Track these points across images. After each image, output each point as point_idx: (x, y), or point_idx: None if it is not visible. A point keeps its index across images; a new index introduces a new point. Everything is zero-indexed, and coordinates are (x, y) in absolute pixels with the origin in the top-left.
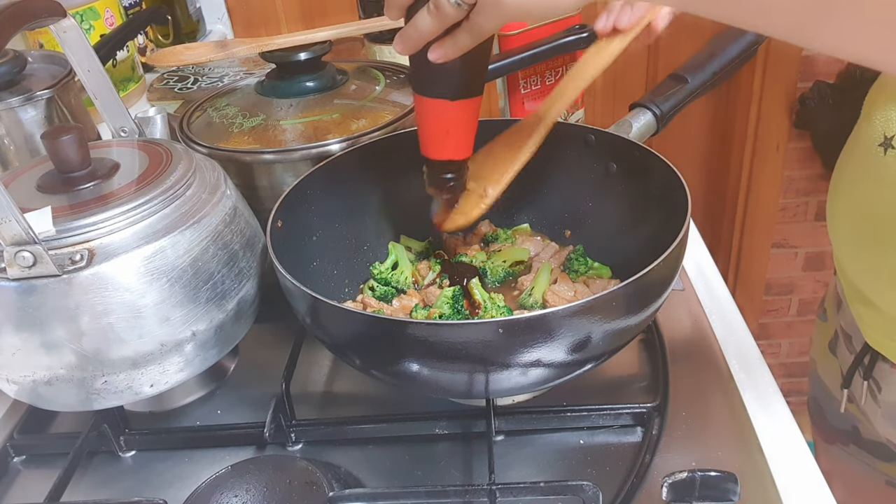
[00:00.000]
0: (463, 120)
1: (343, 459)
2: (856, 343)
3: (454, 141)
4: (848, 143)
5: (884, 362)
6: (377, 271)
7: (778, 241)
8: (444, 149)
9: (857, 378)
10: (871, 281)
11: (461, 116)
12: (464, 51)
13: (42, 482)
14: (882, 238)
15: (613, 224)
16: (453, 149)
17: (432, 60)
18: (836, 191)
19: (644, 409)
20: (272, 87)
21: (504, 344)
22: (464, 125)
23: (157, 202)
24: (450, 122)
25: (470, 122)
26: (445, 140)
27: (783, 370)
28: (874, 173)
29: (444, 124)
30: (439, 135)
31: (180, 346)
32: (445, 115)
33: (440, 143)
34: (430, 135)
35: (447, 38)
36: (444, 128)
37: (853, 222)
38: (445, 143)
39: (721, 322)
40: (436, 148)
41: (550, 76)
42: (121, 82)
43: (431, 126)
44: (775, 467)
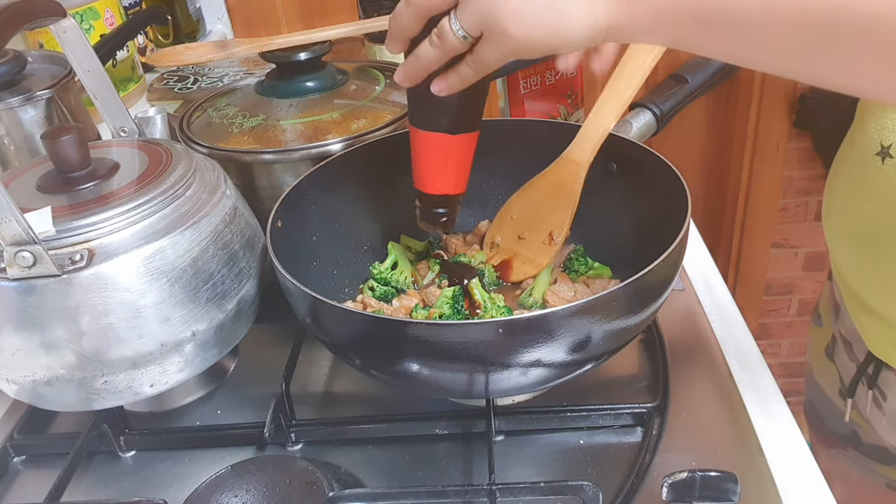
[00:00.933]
0: (461, 154)
1: (343, 459)
2: (857, 351)
3: (451, 175)
4: (842, 149)
5: (888, 371)
6: (377, 271)
7: (778, 241)
8: (440, 183)
9: (861, 387)
10: (871, 288)
11: (460, 150)
12: (467, 84)
13: (42, 482)
14: (881, 245)
15: (613, 224)
16: (450, 183)
17: (434, 93)
18: (831, 197)
19: (644, 409)
20: (272, 87)
21: (504, 344)
22: (462, 160)
23: (157, 202)
24: (448, 157)
25: (468, 157)
26: (442, 174)
27: (783, 370)
28: (871, 181)
29: (441, 158)
30: (436, 169)
31: (180, 346)
32: (444, 149)
33: (436, 177)
34: (426, 168)
35: (450, 71)
36: (442, 162)
37: (851, 229)
38: (442, 177)
39: (721, 322)
40: (431, 182)
41: (550, 76)
42: (121, 82)
43: (428, 160)
44: (775, 467)
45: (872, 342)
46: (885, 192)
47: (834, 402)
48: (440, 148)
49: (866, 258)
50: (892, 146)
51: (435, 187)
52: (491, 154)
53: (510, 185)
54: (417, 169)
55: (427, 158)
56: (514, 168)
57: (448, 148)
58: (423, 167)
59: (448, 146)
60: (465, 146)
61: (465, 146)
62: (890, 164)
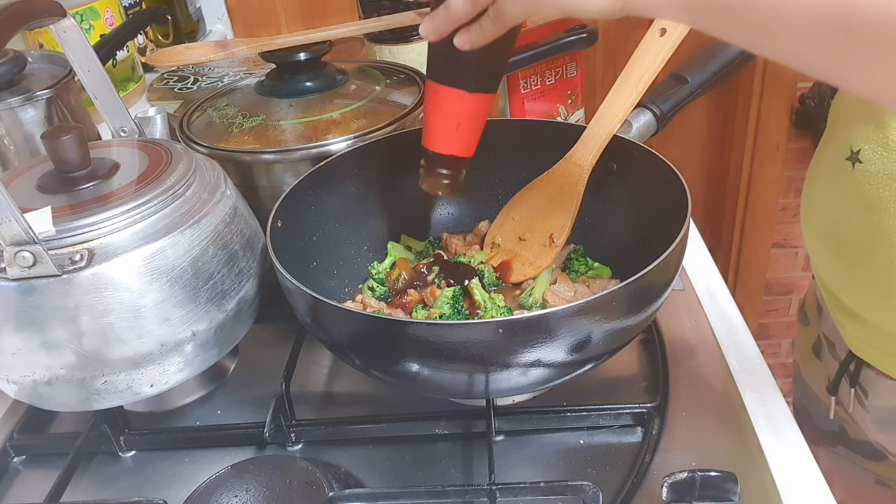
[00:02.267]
0: (476, 115)
1: (343, 459)
2: (839, 350)
3: (463, 136)
4: (817, 153)
5: (869, 369)
6: (375, 271)
7: (778, 241)
8: (450, 143)
9: (843, 385)
10: (848, 290)
11: (475, 111)
12: (490, 38)
13: (42, 482)
14: (854, 249)
15: (613, 224)
16: (460, 144)
17: (458, 47)
18: (807, 202)
19: (644, 409)
20: (272, 87)
21: (504, 344)
22: (476, 121)
23: (157, 202)
24: (462, 115)
25: (482, 119)
26: (454, 134)
27: (783, 370)
28: (843, 186)
29: (456, 116)
30: (449, 127)
31: (180, 346)
32: (460, 106)
33: (448, 136)
34: (439, 126)
35: (474, 25)
36: (456, 120)
37: (825, 231)
38: (454, 136)
39: (721, 322)
40: (442, 141)
41: (550, 76)
42: (121, 82)
43: (442, 117)
44: (775, 467)
45: (852, 342)
46: (855, 197)
47: (822, 399)
48: (455, 105)
49: (842, 261)
50: (860, 151)
51: (444, 146)
52: (491, 154)
53: (510, 186)
54: (429, 126)
55: (441, 115)
56: (514, 168)
57: (463, 106)
58: (435, 124)
59: (464, 104)
60: (480, 107)
61: (480, 107)
62: (860, 170)
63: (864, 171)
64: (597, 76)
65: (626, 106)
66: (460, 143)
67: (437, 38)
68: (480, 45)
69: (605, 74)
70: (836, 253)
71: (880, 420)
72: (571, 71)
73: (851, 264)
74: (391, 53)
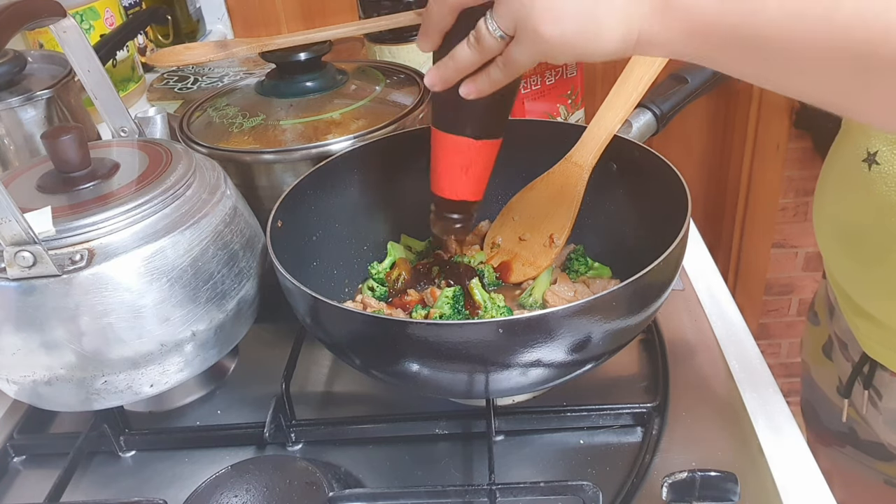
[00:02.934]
0: (483, 161)
1: (343, 459)
2: (852, 352)
3: (471, 181)
4: (830, 154)
5: (883, 371)
6: (375, 271)
7: (778, 241)
8: (459, 188)
9: (857, 387)
10: (863, 292)
11: (482, 157)
12: (496, 87)
13: (42, 482)
14: (871, 250)
15: (613, 224)
16: (469, 189)
17: (463, 96)
18: (820, 202)
19: (644, 409)
20: (272, 87)
21: (504, 344)
22: (483, 167)
23: (157, 202)
24: (470, 162)
25: (489, 164)
26: (462, 180)
27: (783, 370)
28: (859, 188)
29: (463, 164)
30: (456, 174)
31: (180, 346)
32: (467, 154)
33: (456, 182)
34: (446, 173)
35: (480, 74)
36: (464, 167)
37: (841, 234)
38: (462, 182)
39: (721, 322)
40: (450, 187)
41: (550, 76)
42: (121, 82)
43: (449, 164)
44: (775, 467)
45: (866, 343)
46: (872, 199)
47: (831, 400)
48: (463, 153)
49: (857, 263)
50: (878, 153)
51: (453, 192)
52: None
53: (509, 186)
54: (437, 173)
55: (448, 163)
56: (514, 168)
57: (471, 153)
58: (443, 171)
59: (471, 151)
60: (488, 153)
61: (487, 153)
62: (876, 171)
63: (882, 173)
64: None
65: (626, 106)
66: (469, 188)
67: (443, 87)
68: (488, 94)
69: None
70: (850, 254)
71: (894, 421)
72: (571, 71)
73: (866, 266)
74: (391, 53)
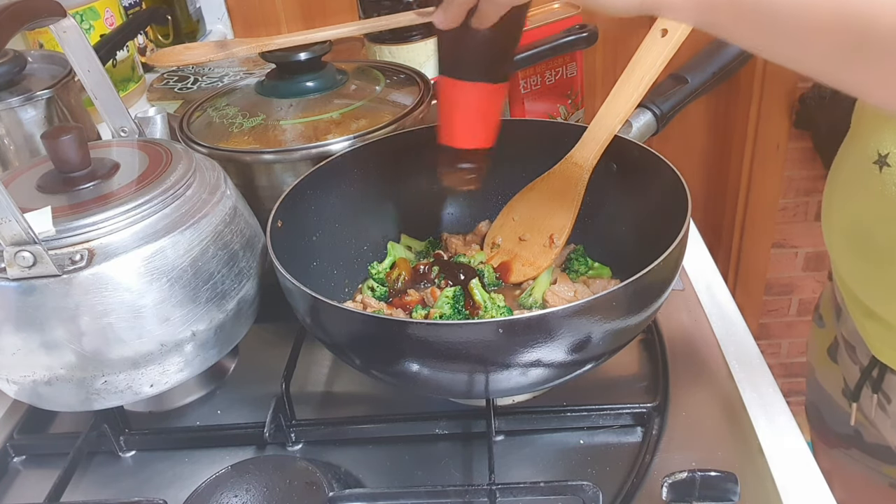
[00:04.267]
0: (497, 104)
1: (343, 459)
2: (860, 355)
3: (487, 127)
4: (839, 155)
5: (893, 374)
6: (375, 271)
7: (778, 241)
8: (474, 136)
9: (865, 391)
10: (873, 294)
11: (496, 100)
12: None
13: (42, 482)
14: (881, 251)
15: (613, 224)
16: (483, 136)
17: (474, 26)
18: (830, 202)
19: (644, 409)
20: (272, 87)
21: (504, 344)
22: (497, 110)
23: (157, 202)
24: (487, 107)
25: (500, 108)
26: (477, 126)
27: (783, 370)
28: (869, 189)
29: (480, 109)
30: (471, 121)
31: (180, 346)
32: (484, 98)
33: (470, 130)
34: (461, 122)
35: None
36: (480, 113)
37: (850, 234)
38: (477, 129)
39: (721, 322)
40: (465, 136)
41: (550, 76)
42: (121, 82)
43: (463, 112)
44: (775, 467)
45: (876, 346)
46: (883, 201)
47: (837, 402)
48: (479, 98)
49: (867, 264)
50: (889, 155)
51: (467, 141)
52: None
53: (510, 186)
54: (450, 124)
55: (462, 110)
56: (514, 168)
57: (487, 97)
58: (456, 120)
59: (487, 95)
60: (500, 95)
61: (500, 95)
62: (888, 173)
63: (893, 175)
64: (597, 76)
65: (627, 106)
66: (483, 134)
67: (451, 24)
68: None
69: (605, 74)
70: (860, 256)
71: None
72: (571, 71)
73: (877, 268)
74: (391, 53)
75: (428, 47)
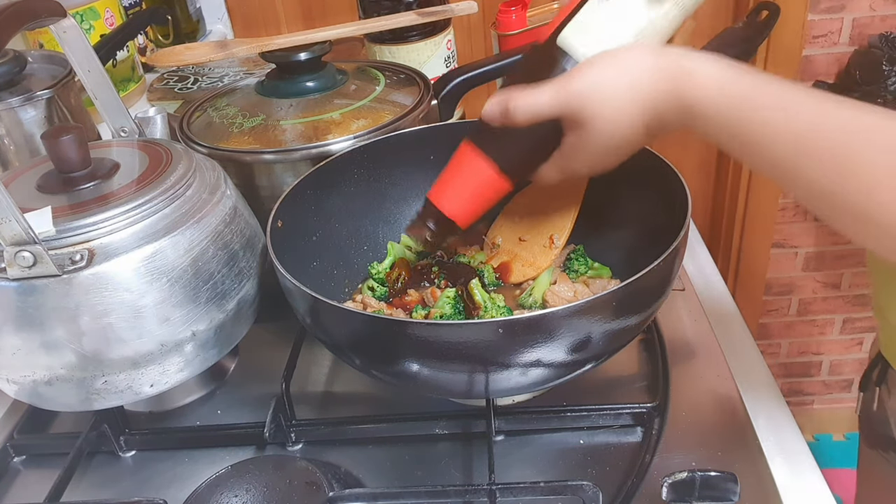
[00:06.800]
0: (492, 194)
1: (343, 459)
2: None
3: (470, 207)
4: None
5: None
6: (375, 271)
7: (778, 241)
8: (456, 207)
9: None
10: None
11: (493, 191)
12: None
13: (42, 482)
14: None
15: (613, 224)
16: (463, 213)
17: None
18: None
19: (644, 409)
20: (272, 87)
21: (504, 344)
22: (487, 200)
23: (157, 202)
24: (482, 190)
25: (492, 203)
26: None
27: (783, 370)
28: None
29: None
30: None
31: (180, 346)
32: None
33: (456, 199)
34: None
35: None
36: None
37: None
38: (461, 202)
39: (721, 322)
40: (451, 202)
41: None
42: (121, 82)
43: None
44: (775, 467)
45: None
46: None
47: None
48: (487, 181)
49: None
50: None
51: (451, 208)
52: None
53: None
54: (446, 184)
55: (467, 181)
56: None
57: (493, 185)
58: (455, 185)
59: (494, 184)
60: (499, 190)
61: (499, 189)
62: None
63: None
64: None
65: None
66: (464, 212)
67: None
68: None
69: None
70: None
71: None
72: None
73: None
74: (391, 53)
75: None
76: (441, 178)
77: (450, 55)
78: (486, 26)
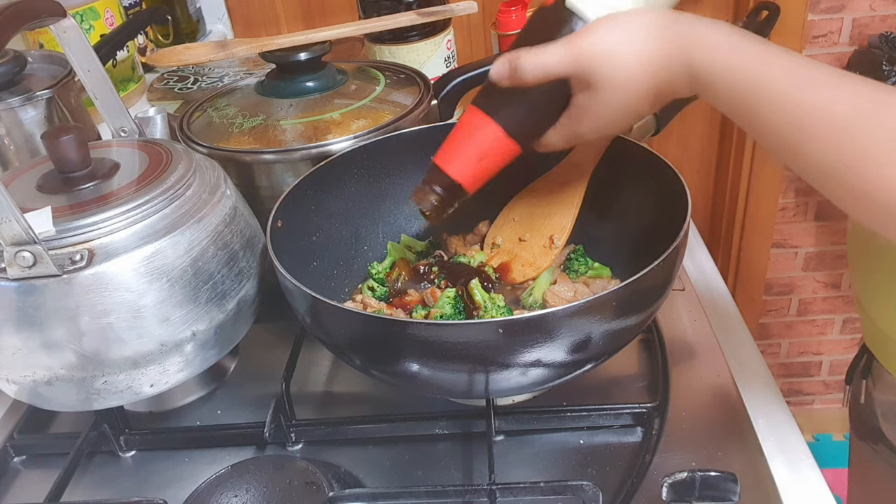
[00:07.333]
0: (500, 157)
1: (343, 459)
2: None
3: (479, 171)
4: None
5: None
6: (375, 271)
7: (778, 241)
8: (464, 171)
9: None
10: None
11: (502, 153)
12: None
13: (42, 482)
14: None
15: (613, 224)
16: (471, 177)
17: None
18: None
19: (644, 409)
20: (272, 87)
21: (504, 344)
22: (495, 162)
23: (157, 202)
24: (489, 152)
25: (500, 165)
26: (472, 164)
27: (783, 370)
28: None
29: (483, 150)
30: (471, 156)
31: (180, 346)
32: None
33: (465, 163)
34: (462, 151)
35: None
36: (481, 154)
37: None
38: (470, 166)
39: (721, 322)
40: (457, 166)
41: None
42: (121, 82)
43: (470, 144)
44: (775, 467)
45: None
46: None
47: None
48: (496, 144)
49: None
50: None
51: (456, 171)
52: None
53: (510, 186)
54: (451, 147)
55: (470, 142)
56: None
57: (501, 148)
58: (462, 150)
59: (503, 147)
60: (507, 152)
61: (507, 151)
62: None
63: None
64: None
65: None
66: (473, 176)
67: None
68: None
69: None
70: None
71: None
72: None
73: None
74: (391, 53)
75: (428, 47)
76: (447, 142)
77: (450, 55)
78: (486, 26)
